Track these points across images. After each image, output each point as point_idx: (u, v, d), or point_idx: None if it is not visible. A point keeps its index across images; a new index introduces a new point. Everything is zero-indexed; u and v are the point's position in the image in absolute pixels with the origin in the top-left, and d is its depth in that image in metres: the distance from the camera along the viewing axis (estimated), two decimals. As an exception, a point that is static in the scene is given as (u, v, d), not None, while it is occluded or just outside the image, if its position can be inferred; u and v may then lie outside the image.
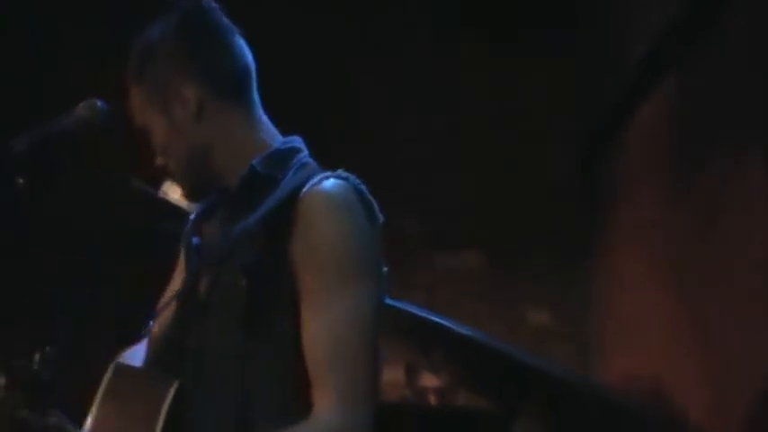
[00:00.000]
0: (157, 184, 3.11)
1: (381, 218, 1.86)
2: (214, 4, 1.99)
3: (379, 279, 1.82)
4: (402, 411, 3.89)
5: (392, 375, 4.65)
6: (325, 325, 1.73)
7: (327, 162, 1.94)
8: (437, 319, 2.77)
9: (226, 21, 1.99)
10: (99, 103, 2.04)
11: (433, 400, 4.11)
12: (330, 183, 1.80)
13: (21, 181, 1.89)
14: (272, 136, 1.96)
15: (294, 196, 1.80)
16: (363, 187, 1.85)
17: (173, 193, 2.99)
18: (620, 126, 4.45)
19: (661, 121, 3.97)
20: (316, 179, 1.81)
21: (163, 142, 1.93)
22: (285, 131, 2.04)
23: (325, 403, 1.71)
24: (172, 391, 1.82)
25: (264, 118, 1.98)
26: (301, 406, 1.74)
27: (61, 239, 4.80)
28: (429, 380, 4.06)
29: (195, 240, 2.00)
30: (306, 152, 1.96)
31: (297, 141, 1.98)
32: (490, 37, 4.99)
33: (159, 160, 1.96)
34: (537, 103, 5.03)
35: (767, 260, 2.87)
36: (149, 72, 1.94)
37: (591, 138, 4.89)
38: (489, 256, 5.10)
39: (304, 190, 1.80)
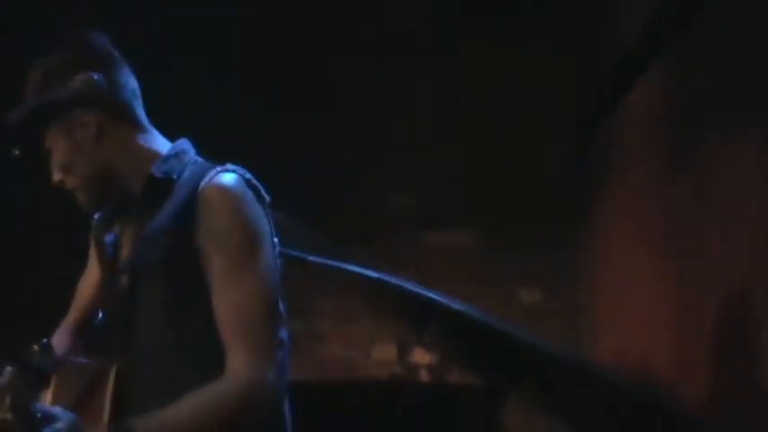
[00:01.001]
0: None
1: (268, 198, 2.13)
2: (104, 37, 2.21)
3: (273, 250, 2.10)
4: (392, 389, 3.91)
5: (384, 353, 4.67)
6: (232, 298, 2.01)
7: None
8: (431, 295, 2.77)
9: (114, 50, 2.21)
10: (96, 76, 2.05)
11: (425, 376, 4.11)
12: (223, 176, 2.08)
13: (16, 152, 1.89)
14: (162, 144, 2.21)
15: (194, 191, 2.07)
16: (249, 175, 2.12)
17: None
18: (615, 108, 4.45)
19: (654, 104, 3.97)
20: (211, 174, 2.08)
21: (65, 161, 2.16)
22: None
23: (238, 362, 1.98)
24: (112, 375, 2.07)
25: (153, 129, 2.23)
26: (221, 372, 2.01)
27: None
28: (422, 356, 4.07)
29: (109, 238, 2.23)
30: (193, 151, 2.22)
31: (184, 144, 2.23)
32: (490, 36, 5.01)
33: (56, 176, 2.17)
34: (533, 84, 5.02)
35: (756, 242, 2.88)
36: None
37: (585, 118, 4.89)
38: (481, 234, 5.11)
39: (201, 184, 2.07)
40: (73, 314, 2.41)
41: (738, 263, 3.00)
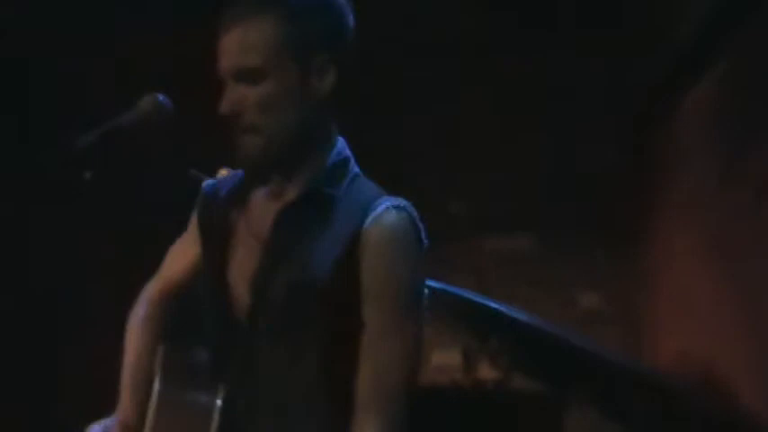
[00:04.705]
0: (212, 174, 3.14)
1: (426, 242, 1.92)
2: None
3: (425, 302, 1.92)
4: (453, 394, 3.91)
5: (445, 359, 4.67)
6: (378, 360, 1.85)
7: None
8: (493, 305, 2.78)
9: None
10: (161, 98, 2.04)
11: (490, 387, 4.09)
12: (392, 217, 1.87)
13: (88, 176, 1.90)
14: (334, 137, 1.98)
15: (359, 227, 1.86)
16: (416, 214, 1.92)
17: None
18: (672, 108, 4.43)
19: (712, 103, 3.95)
20: (379, 209, 1.88)
21: (272, 99, 1.87)
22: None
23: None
24: (216, 413, 1.90)
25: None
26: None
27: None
28: (487, 372, 4.06)
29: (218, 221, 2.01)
30: (352, 159, 2.00)
31: (345, 148, 2.00)
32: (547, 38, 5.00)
33: (249, 116, 1.89)
34: (588, 86, 5.00)
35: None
36: (299, 24, 1.88)
37: (641, 120, 4.87)
38: (539, 238, 5.10)
39: (368, 221, 1.86)
40: (159, 283, 2.17)
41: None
